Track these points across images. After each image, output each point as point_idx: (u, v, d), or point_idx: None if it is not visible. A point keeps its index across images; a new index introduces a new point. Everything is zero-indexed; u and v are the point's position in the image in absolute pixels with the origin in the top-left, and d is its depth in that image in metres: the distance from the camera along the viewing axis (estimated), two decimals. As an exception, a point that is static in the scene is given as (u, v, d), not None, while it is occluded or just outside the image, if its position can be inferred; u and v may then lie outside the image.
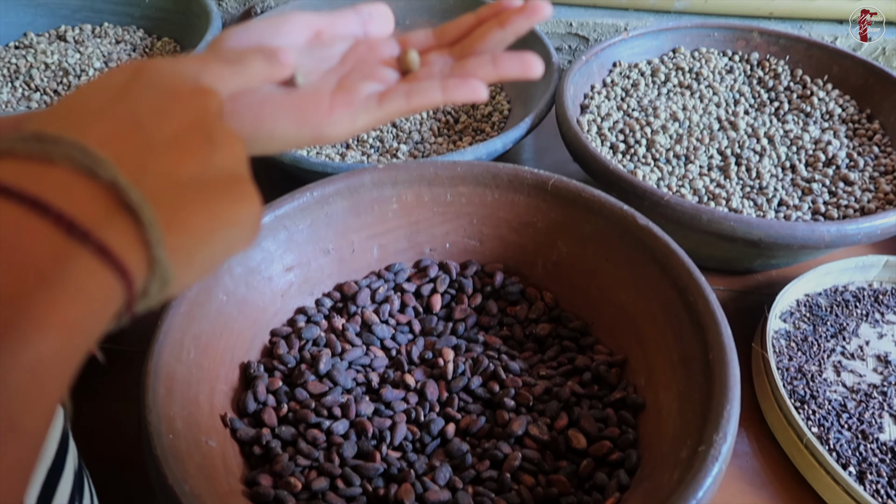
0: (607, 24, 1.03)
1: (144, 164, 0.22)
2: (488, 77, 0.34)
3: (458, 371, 0.57)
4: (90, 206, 0.20)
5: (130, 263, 0.21)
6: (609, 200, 0.60)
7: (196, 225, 0.23)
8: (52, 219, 0.19)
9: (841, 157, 0.75)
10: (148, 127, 0.23)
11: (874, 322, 0.68)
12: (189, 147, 0.24)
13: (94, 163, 0.21)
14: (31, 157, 0.20)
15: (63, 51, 0.99)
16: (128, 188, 0.21)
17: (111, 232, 0.20)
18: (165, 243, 0.22)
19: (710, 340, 0.49)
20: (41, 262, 0.19)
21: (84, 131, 0.22)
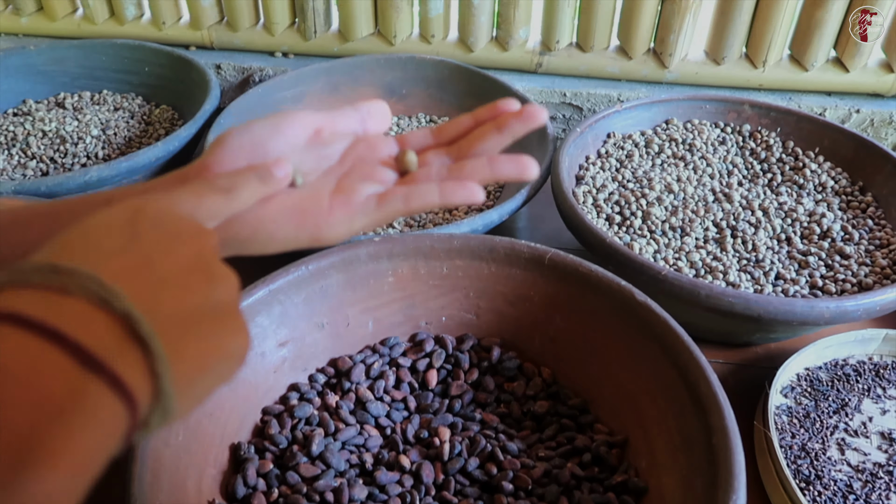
0: (600, 95, 1.05)
1: (154, 298, 0.23)
2: (485, 179, 0.34)
3: (454, 451, 0.56)
4: (105, 337, 0.21)
5: (139, 394, 0.21)
6: (607, 276, 0.59)
7: (197, 355, 0.24)
8: (69, 350, 0.19)
9: (836, 229, 0.76)
10: (157, 264, 0.24)
11: (876, 397, 0.67)
12: (193, 284, 0.25)
13: (108, 294, 0.21)
14: (47, 288, 0.21)
15: (61, 118, 1.00)
16: (141, 320, 0.21)
17: (123, 363, 0.21)
18: (172, 374, 0.22)
19: (713, 424, 0.47)
20: (57, 396, 0.19)
21: (98, 266, 0.22)
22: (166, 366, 0.22)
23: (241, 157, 0.33)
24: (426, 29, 1.09)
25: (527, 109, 0.35)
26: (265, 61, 1.13)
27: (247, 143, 0.33)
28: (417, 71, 1.04)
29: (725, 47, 1.01)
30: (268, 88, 0.97)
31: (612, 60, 1.05)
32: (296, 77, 1.00)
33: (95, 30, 1.16)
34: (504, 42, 1.08)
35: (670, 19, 1.00)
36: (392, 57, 1.04)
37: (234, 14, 1.12)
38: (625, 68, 1.05)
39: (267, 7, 1.10)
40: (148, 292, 0.23)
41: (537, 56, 1.07)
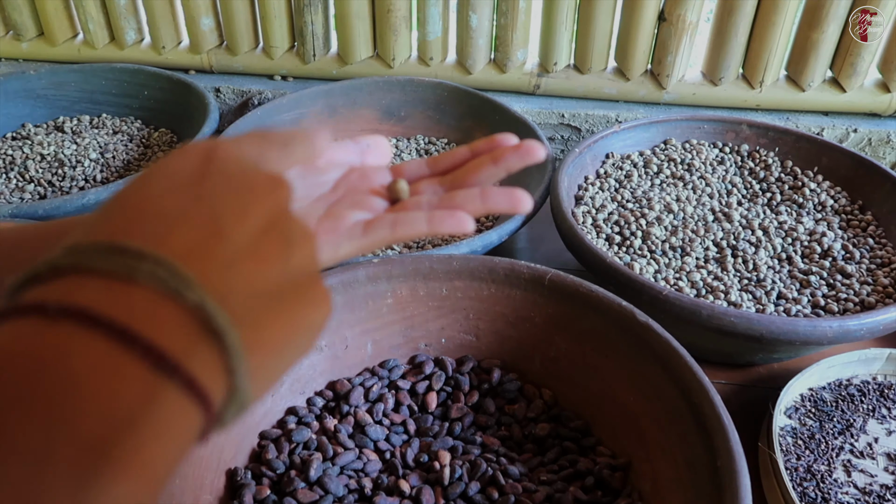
0: (598, 116, 1.05)
1: (228, 280, 0.21)
2: (476, 211, 0.33)
3: (454, 476, 0.55)
4: (177, 334, 0.19)
5: (213, 394, 0.19)
6: (607, 296, 0.59)
7: (274, 339, 0.22)
8: (140, 351, 0.18)
9: (836, 248, 0.75)
10: (229, 232, 0.21)
11: (881, 418, 0.66)
12: (268, 252, 0.22)
13: (180, 284, 0.19)
14: (113, 276, 0.19)
15: (59, 142, 1.00)
16: (215, 313, 0.19)
17: (198, 363, 0.19)
18: (248, 368, 0.20)
19: (718, 446, 0.47)
20: (129, 403, 0.17)
21: (165, 240, 0.20)
22: (242, 360, 0.20)
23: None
24: (424, 51, 1.09)
25: (525, 144, 0.34)
26: (264, 84, 1.14)
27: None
28: (416, 93, 1.04)
29: (722, 68, 1.02)
30: (267, 111, 0.98)
31: (609, 82, 1.06)
32: (295, 100, 1.01)
33: (96, 55, 1.17)
34: (502, 64, 1.08)
35: (667, 41, 1.00)
36: (391, 79, 1.04)
37: (234, 38, 1.12)
38: (622, 89, 1.06)
39: (266, 31, 1.11)
40: (220, 272, 0.21)
41: (535, 78, 1.08)
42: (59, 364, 0.16)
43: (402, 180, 0.36)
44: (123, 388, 0.17)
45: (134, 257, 0.19)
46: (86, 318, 0.17)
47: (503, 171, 0.34)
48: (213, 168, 0.23)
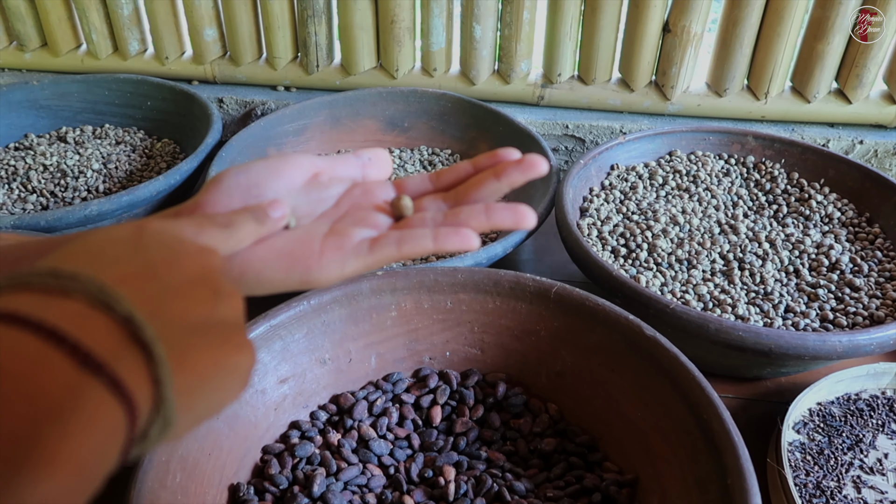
0: (602, 127, 1.04)
1: (158, 306, 0.22)
2: (480, 227, 0.33)
3: (460, 492, 0.54)
4: (105, 338, 0.20)
5: (139, 399, 0.20)
6: (614, 310, 0.58)
7: (201, 368, 0.23)
8: (67, 349, 0.19)
9: (844, 261, 0.75)
10: (161, 274, 0.23)
11: (891, 433, 0.66)
12: (197, 295, 0.24)
13: (109, 298, 0.21)
14: (47, 290, 0.20)
15: (62, 152, 0.99)
16: (143, 324, 0.21)
17: (124, 365, 0.20)
18: (173, 382, 0.21)
19: (728, 463, 0.46)
20: (54, 395, 0.18)
21: (101, 272, 0.22)
22: (168, 372, 0.21)
23: (236, 197, 0.32)
24: (428, 62, 1.09)
25: (527, 158, 0.34)
26: (267, 95, 1.14)
27: (243, 184, 0.33)
28: (419, 104, 1.04)
29: (727, 79, 1.01)
30: (270, 122, 0.97)
31: (613, 93, 1.06)
32: (298, 111, 1.00)
33: (99, 65, 1.17)
34: (506, 75, 1.08)
35: (671, 52, 1.00)
36: (394, 90, 1.04)
37: (237, 49, 1.12)
38: (627, 100, 1.06)
39: (269, 41, 1.11)
40: (151, 300, 0.22)
41: (539, 89, 1.07)
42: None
43: (406, 196, 0.36)
44: (50, 380, 0.18)
45: (69, 277, 0.21)
46: (15, 320, 0.19)
47: (506, 186, 0.34)
48: (147, 234, 0.25)
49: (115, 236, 0.25)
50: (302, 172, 0.34)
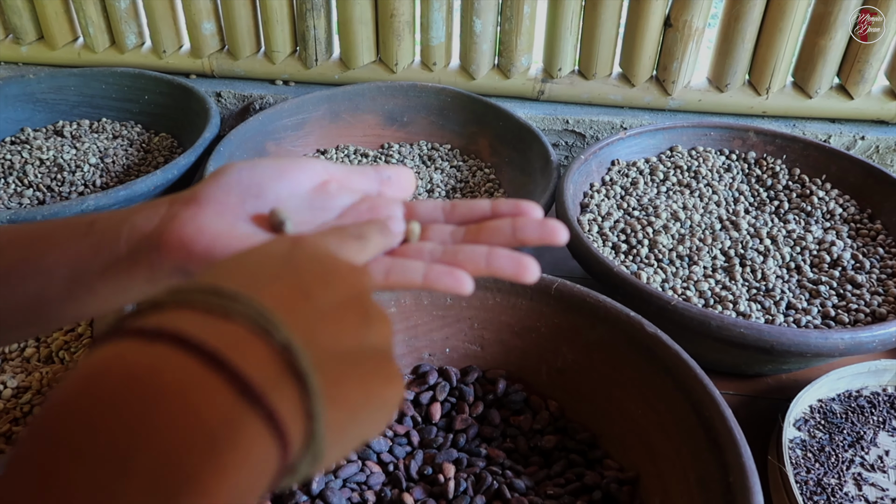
0: (603, 122, 1.04)
1: (311, 331, 0.21)
2: (477, 271, 0.31)
3: (459, 489, 0.54)
4: (263, 366, 0.19)
5: (292, 434, 0.19)
6: (615, 306, 0.58)
7: (352, 401, 0.22)
8: (226, 376, 0.18)
9: (846, 258, 0.74)
10: (315, 296, 0.23)
11: (892, 430, 0.65)
12: (348, 320, 0.23)
13: (269, 324, 0.20)
14: (209, 310, 0.20)
15: (59, 146, 0.99)
16: (300, 353, 0.20)
17: (279, 397, 0.19)
18: (326, 416, 0.20)
19: (730, 462, 0.46)
20: (212, 424, 0.17)
21: (259, 292, 0.21)
22: (322, 406, 0.20)
23: (234, 194, 0.31)
24: (427, 57, 1.09)
25: (549, 224, 0.32)
26: (266, 89, 1.13)
27: (244, 182, 0.32)
28: (419, 98, 1.03)
29: (728, 74, 1.01)
30: (268, 116, 0.97)
31: (614, 88, 1.05)
32: (297, 105, 1.00)
33: (96, 58, 1.16)
34: (506, 70, 1.07)
35: (673, 46, 0.99)
36: (393, 84, 1.03)
37: (235, 42, 1.11)
38: (627, 95, 1.05)
39: (268, 35, 1.10)
40: (305, 324, 0.21)
41: (539, 83, 1.07)
42: (149, 378, 0.17)
43: (416, 222, 0.34)
44: (207, 407, 0.17)
45: (230, 298, 0.20)
46: (179, 341, 0.18)
47: (519, 242, 0.33)
48: (300, 249, 0.25)
49: (269, 251, 0.24)
50: (310, 178, 0.33)
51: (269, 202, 0.32)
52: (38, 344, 0.68)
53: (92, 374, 0.18)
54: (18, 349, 0.68)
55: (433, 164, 1.00)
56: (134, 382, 0.17)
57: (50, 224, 0.33)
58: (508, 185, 0.94)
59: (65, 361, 0.66)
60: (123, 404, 0.17)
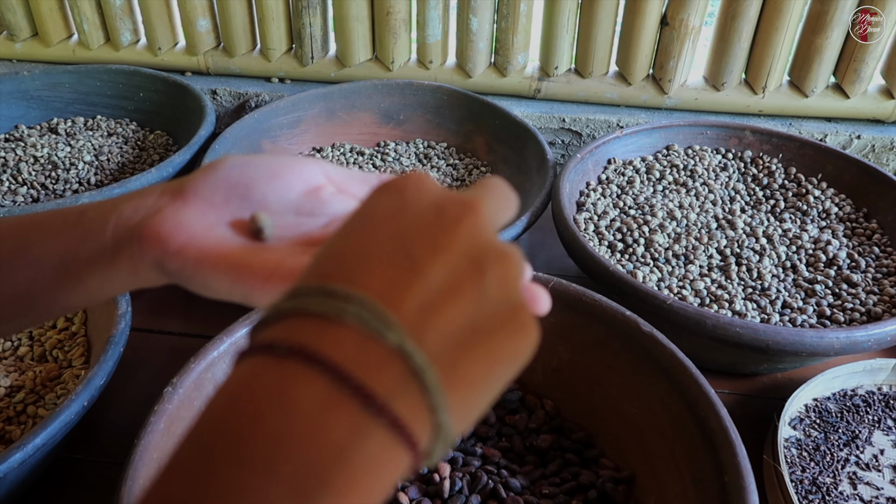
0: (599, 120, 1.04)
1: (425, 319, 0.21)
2: None
3: (455, 488, 0.54)
4: (382, 375, 0.20)
5: (417, 433, 0.20)
6: (611, 306, 0.58)
7: (475, 375, 0.22)
8: (350, 390, 0.19)
9: (842, 257, 0.74)
10: (422, 268, 0.22)
11: (887, 429, 0.65)
12: (462, 284, 0.22)
13: (383, 325, 0.20)
14: (325, 317, 0.20)
15: (53, 144, 0.98)
16: (414, 353, 0.20)
17: (402, 403, 0.20)
18: (448, 405, 0.21)
19: (725, 461, 0.46)
20: (341, 437, 0.19)
21: (367, 280, 0.22)
22: (443, 399, 0.21)
23: (220, 191, 0.31)
24: (424, 55, 1.08)
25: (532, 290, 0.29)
26: (261, 87, 1.13)
27: (232, 180, 0.31)
28: (415, 97, 1.03)
29: (725, 73, 1.01)
30: (264, 114, 0.96)
31: (610, 86, 1.05)
32: (292, 103, 0.99)
33: (90, 55, 1.15)
34: (502, 68, 1.07)
35: (669, 45, 0.99)
36: (390, 83, 1.03)
37: (231, 40, 1.11)
38: (624, 94, 1.05)
39: (264, 33, 1.10)
40: (417, 312, 0.21)
41: (536, 82, 1.07)
42: (282, 395, 0.19)
43: None
44: (336, 422, 0.19)
45: (342, 299, 0.21)
46: (305, 357, 0.19)
47: None
48: (406, 204, 0.24)
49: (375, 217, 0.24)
50: (304, 181, 0.32)
51: (253, 204, 0.31)
52: (32, 343, 0.68)
53: (236, 392, 0.20)
54: (12, 348, 0.67)
55: (429, 162, 1.00)
56: (270, 400, 0.19)
57: (41, 215, 0.32)
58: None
59: (58, 360, 0.65)
60: (264, 419, 0.19)
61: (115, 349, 0.57)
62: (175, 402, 0.50)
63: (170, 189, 0.31)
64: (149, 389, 0.58)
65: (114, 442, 0.63)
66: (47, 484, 0.59)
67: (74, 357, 0.65)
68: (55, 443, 0.52)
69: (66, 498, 0.59)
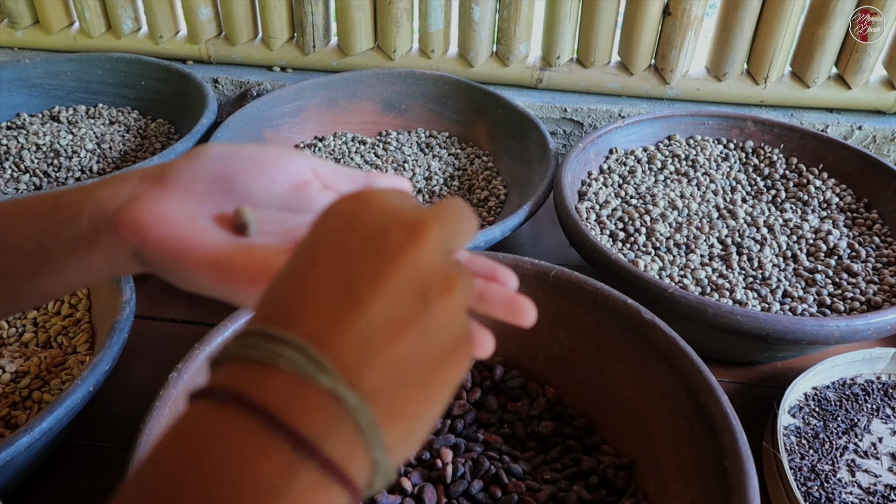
0: (601, 110, 1.04)
1: (363, 357, 0.21)
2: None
3: (457, 474, 0.54)
4: (314, 417, 0.20)
5: (352, 472, 0.20)
6: (612, 294, 0.58)
7: (414, 408, 0.22)
8: (283, 434, 0.20)
9: (842, 247, 0.75)
10: (365, 304, 0.22)
11: (885, 417, 0.66)
12: (404, 321, 0.22)
13: (316, 369, 0.20)
14: (261, 363, 0.21)
15: (55, 132, 0.98)
16: (346, 396, 0.20)
17: (333, 443, 0.20)
18: (384, 442, 0.21)
19: (726, 447, 0.46)
20: (273, 478, 0.19)
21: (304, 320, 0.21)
22: (378, 436, 0.21)
23: (204, 183, 0.30)
24: (426, 44, 1.08)
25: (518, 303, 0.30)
26: (263, 76, 1.13)
27: (217, 170, 0.30)
28: (417, 86, 1.03)
29: (727, 63, 1.01)
30: (266, 103, 0.96)
31: (612, 76, 1.05)
32: (294, 91, 0.99)
33: (92, 43, 1.15)
34: (504, 57, 1.07)
35: (671, 35, 0.99)
36: (391, 72, 1.03)
37: (233, 28, 1.11)
38: (626, 84, 1.05)
39: (265, 21, 1.09)
40: (354, 350, 0.21)
41: (538, 71, 1.07)
42: (219, 439, 0.19)
43: None
44: (268, 465, 0.19)
45: (278, 342, 0.21)
46: (241, 403, 0.20)
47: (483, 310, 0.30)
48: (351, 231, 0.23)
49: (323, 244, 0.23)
50: (290, 175, 0.31)
51: (237, 197, 0.30)
52: (37, 329, 0.68)
53: (177, 436, 0.20)
54: (17, 334, 0.68)
55: (431, 151, 1.00)
56: (208, 444, 0.19)
57: (18, 201, 0.32)
58: (506, 173, 0.94)
59: (63, 346, 0.66)
60: (201, 463, 0.19)
61: (121, 335, 0.57)
62: (180, 388, 0.50)
63: (150, 175, 0.30)
64: (152, 376, 0.58)
65: (117, 428, 0.63)
66: (53, 469, 0.60)
67: (79, 343, 0.65)
68: (61, 427, 0.52)
69: (72, 482, 0.59)
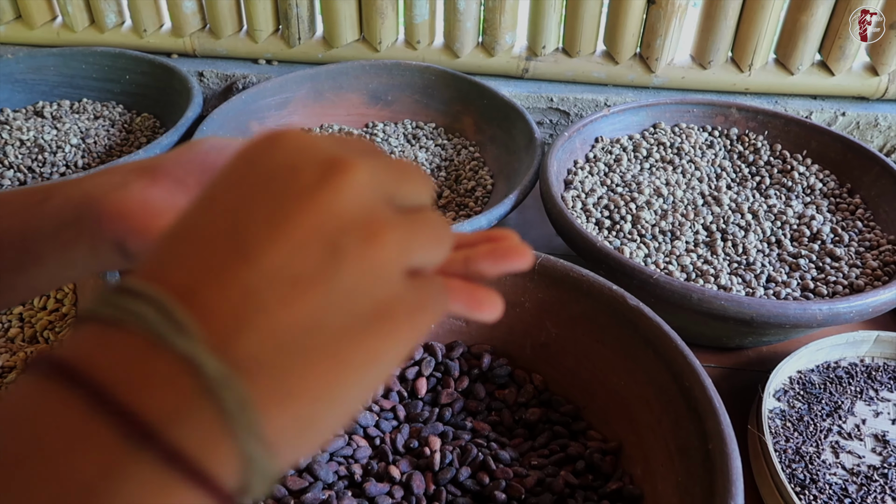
0: (587, 100, 1.04)
1: (244, 319, 0.17)
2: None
3: (445, 461, 0.54)
4: (159, 394, 0.15)
5: (213, 468, 0.16)
6: (598, 281, 0.58)
7: (316, 388, 0.17)
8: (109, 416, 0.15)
9: (825, 231, 0.75)
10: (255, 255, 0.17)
11: (868, 399, 0.67)
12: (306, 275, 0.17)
13: (171, 329, 0.16)
14: (105, 321, 0.16)
15: (39, 127, 0.98)
16: (205, 364, 0.16)
17: (184, 429, 0.15)
18: (261, 430, 0.16)
19: (709, 430, 0.47)
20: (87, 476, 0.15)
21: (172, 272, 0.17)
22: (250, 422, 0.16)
23: (193, 175, 0.30)
24: (411, 35, 1.08)
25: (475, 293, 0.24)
26: (249, 68, 1.12)
27: (208, 163, 0.30)
28: (403, 77, 1.03)
29: (711, 51, 1.01)
30: (251, 96, 0.96)
31: (598, 65, 1.05)
32: (280, 84, 0.99)
33: (75, 38, 1.14)
34: (490, 48, 1.07)
35: (656, 24, 0.99)
36: (377, 63, 1.03)
37: (217, 21, 1.10)
38: (611, 73, 1.05)
39: (250, 14, 1.09)
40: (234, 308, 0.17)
41: (523, 61, 1.07)
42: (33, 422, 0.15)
43: None
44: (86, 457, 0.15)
45: (132, 297, 0.16)
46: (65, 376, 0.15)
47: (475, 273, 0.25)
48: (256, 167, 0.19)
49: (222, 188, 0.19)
50: None
51: None
52: (23, 324, 0.68)
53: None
54: (2, 329, 0.68)
55: (418, 142, 1.00)
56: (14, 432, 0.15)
57: (4, 193, 0.31)
58: (493, 163, 0.94)
59: (49, 341, 0.66)
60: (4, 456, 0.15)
61: (107, 329, 0.57)
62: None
63: (140, 166, 0.30)
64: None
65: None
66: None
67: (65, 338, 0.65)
68: (48, 421, 0.52)
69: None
